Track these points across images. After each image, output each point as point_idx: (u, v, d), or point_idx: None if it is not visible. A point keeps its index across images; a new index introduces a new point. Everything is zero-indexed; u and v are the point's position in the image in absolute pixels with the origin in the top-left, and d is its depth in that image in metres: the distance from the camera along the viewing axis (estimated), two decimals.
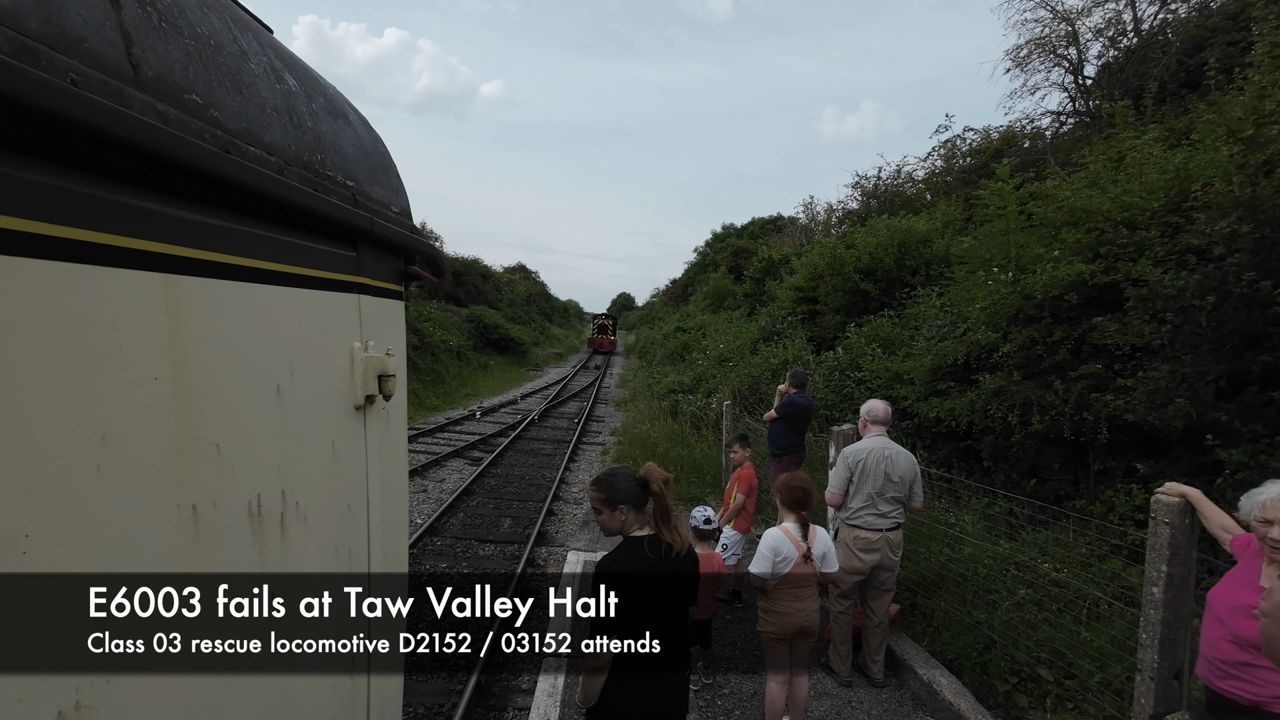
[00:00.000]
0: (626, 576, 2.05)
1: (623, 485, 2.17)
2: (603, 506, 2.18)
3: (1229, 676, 2.26)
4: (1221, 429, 4.05)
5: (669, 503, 2.20)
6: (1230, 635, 2.25)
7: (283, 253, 0.86)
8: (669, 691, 2.29)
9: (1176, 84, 9.91)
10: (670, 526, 2.17)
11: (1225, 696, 2.28)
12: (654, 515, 2.18)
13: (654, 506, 2.19)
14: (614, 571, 2.10)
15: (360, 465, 1.10)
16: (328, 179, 0.99)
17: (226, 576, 0.73)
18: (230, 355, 0.75)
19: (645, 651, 2.12)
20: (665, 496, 2.19)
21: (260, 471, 0.81)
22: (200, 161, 0.65)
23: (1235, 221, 4.09)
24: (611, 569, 2.11)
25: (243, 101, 0.79)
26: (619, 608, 1.93)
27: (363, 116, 1.29)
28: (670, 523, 2.18)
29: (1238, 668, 2.23)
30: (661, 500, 2.19)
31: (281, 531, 0.84)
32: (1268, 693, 2.16)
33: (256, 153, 0.79)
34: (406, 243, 1.26)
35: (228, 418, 0.74)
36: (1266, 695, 2.16)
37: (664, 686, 2.26)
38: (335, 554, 1.01)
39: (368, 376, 1.09)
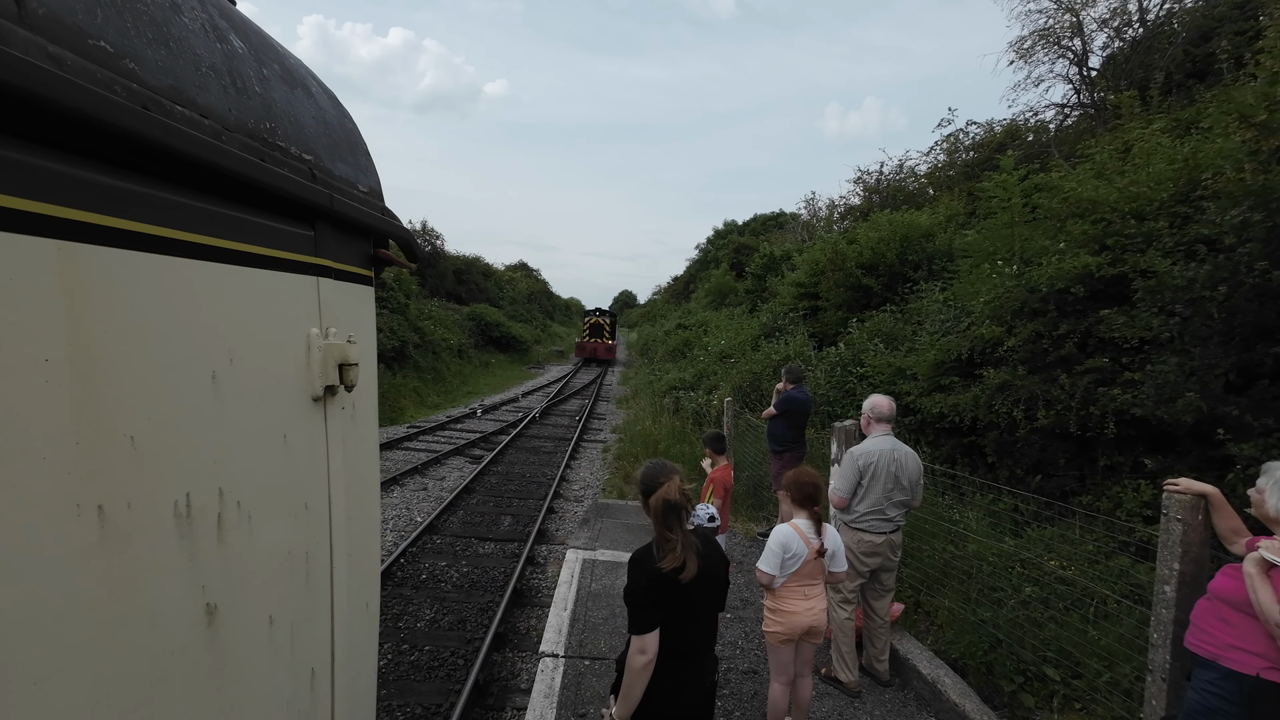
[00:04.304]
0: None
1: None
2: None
3: (1201, 631, 2.36)
4: (1232, 423, 3.95)
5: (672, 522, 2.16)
6: (1209, 596, 2.37)
7: (220, 226, 0.78)
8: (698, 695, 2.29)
9: (1183, 75, 9.77)
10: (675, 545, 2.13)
11: (1194, 652, 2.39)
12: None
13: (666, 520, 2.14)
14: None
15: (320, 461, 1.02)
16: (279, 149, 0.91)
17: (141, 583, 0.65)
18: (151, 337, 0.67)
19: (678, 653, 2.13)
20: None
21: (190, 467, 0.73)
22: (106, 115, 0.57)
23: (1247, 210, 3.99)
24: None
25: (169, 57, 0.71)
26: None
27: (329, 91, 1.21)
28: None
29: (1208, 620, 2.33)
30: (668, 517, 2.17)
31: (218, 534, 0.76)
32: (1226, 641, 2.25)
33: (185, 113, 0.71)
34: (375, 224, 1.18)
35: (146, 407, 0.66)
36: (1227, 645, 2.25)
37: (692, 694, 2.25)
38: (289, 557, 0.92)
39: (327, 365, 1.01)
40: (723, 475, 4.81)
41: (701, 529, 2.36)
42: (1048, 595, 4.02)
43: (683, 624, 2.16)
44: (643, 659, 2.08)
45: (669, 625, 2.13)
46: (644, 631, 2.08)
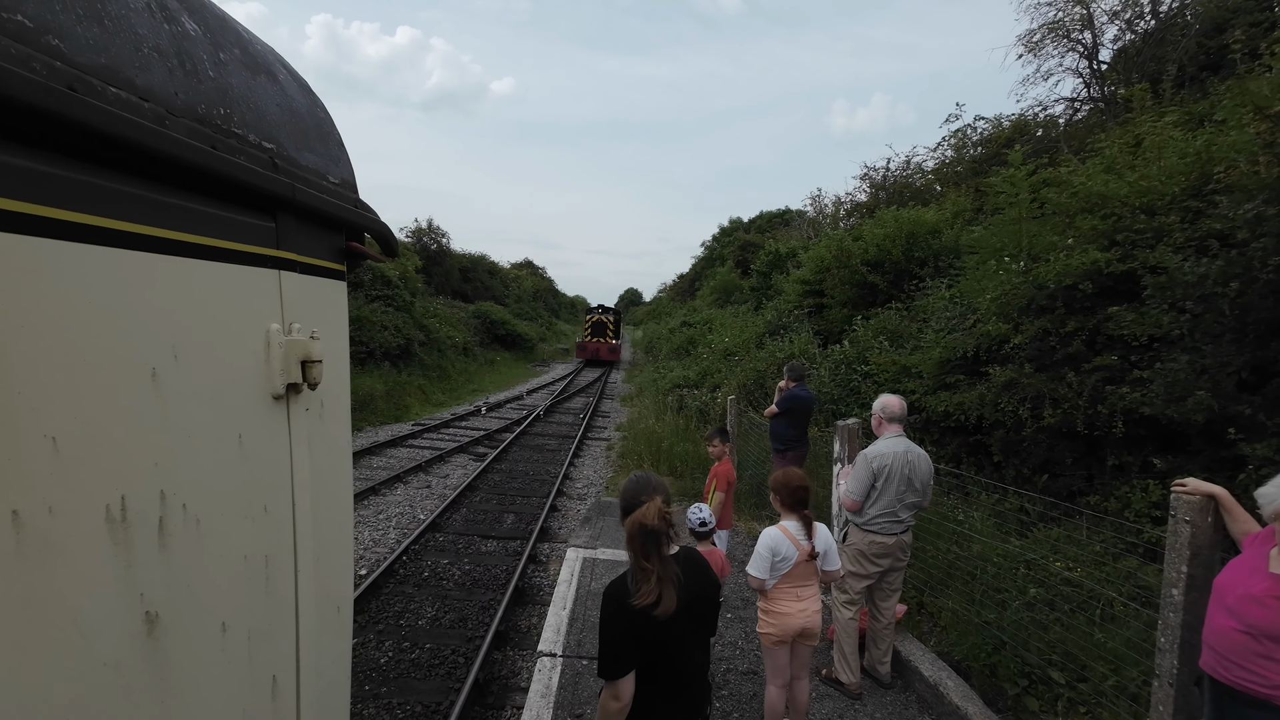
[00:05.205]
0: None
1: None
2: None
3: (1239, 668, 2.15)
4: (1245, 422, 3.86)
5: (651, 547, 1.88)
6: (1243, 626, 2.15)
7: (162, 215, 0.74)
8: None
9: (1196, 67, 9.60)
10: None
11: (1234, 688, 2.18)
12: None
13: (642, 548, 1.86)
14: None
15: (282, 462, 0.98)
16: (234, 136, 0.87)
17: (67, 593, 0.61)
18: (76, 332, 0.63)
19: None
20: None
21: (126, 469, 0.69)
22: (15, 92, 0.53)
23: (1261, 204, 3.89)
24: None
25: (103, 34, 0.67)
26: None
27: (300, 78, 1.17)
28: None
29: (1249, 659, 2.12)
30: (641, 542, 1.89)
31: (160, 539, 0.73)
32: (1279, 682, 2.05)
33: (120, 94, 0.67)
34: (346, 216, 1.14)
35: (70, 407, 0.62)
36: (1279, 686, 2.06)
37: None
38: (245, 562, 0.89)
39: (289, 362, 0.97)
40: (725, 470, 4.76)
41: (686, 549, 2.08)
42: (1053, 597, 3.95)
43: (670, 660, 1.91)
44: (616, 705, 1.82)
45: (655, 665, 1.87)
46: (615, 678, 1.81)
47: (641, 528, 1.82)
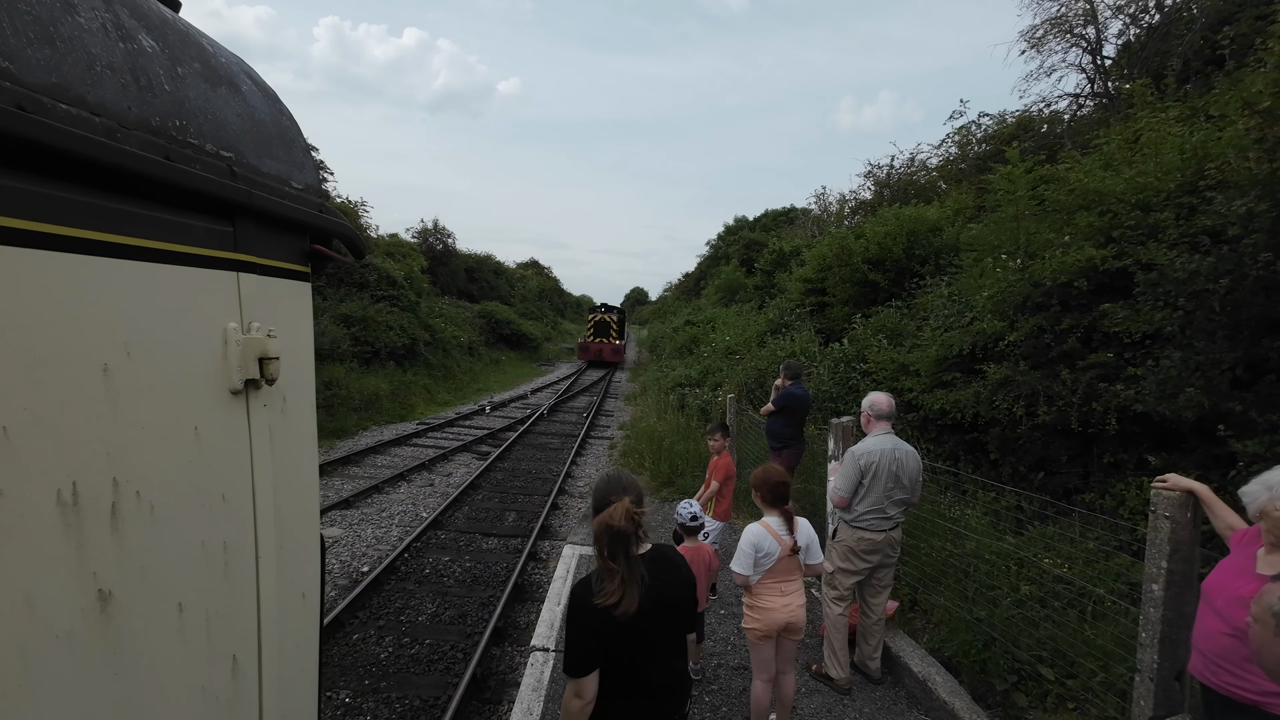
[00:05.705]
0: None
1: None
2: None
3: (1228, 673, 2.11)
4: (1236, 419, 3.85)
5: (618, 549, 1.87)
6: (1230, 630, 2.10)
7: (115, 222, 0.79)
8: None
9: (1200, 61, 9.50)
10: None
11: (1222, 694, 2.14)
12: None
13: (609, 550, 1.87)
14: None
15: (241, 454, 1.04)
16: (190, 146, 0.92)
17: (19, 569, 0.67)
18: (26, 332, 0.69)
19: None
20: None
21: (78, 457, 0.74)
22: None
23: (1252, 200, 3.87)
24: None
25: (54, 55, 0.72)
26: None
27: (265, 88, 1.22)
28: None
29: (1239, 664, 2.08)
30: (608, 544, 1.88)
31: (113, 522, 0.78)
32: (1270, 689, 1.98)
33: (70, 111, 0.72)
34: (309, 220, 1.19)
35: (20, 400, 0.68)
36: (1270, 692, 2.00)
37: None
38: (202, 547, 0.94)
39: (246, 359, 1.03)
40: (725, 463, 4.80)
41: (658, 548, 2.08)
42: (1044, 594, 3.96)
43: (636, 659, 1.90)
44: (578, 703, 1.85)
45: (622, 663, 1.88)
46: (578, 675, 1.83)
47: (608, 528, 1.84)
